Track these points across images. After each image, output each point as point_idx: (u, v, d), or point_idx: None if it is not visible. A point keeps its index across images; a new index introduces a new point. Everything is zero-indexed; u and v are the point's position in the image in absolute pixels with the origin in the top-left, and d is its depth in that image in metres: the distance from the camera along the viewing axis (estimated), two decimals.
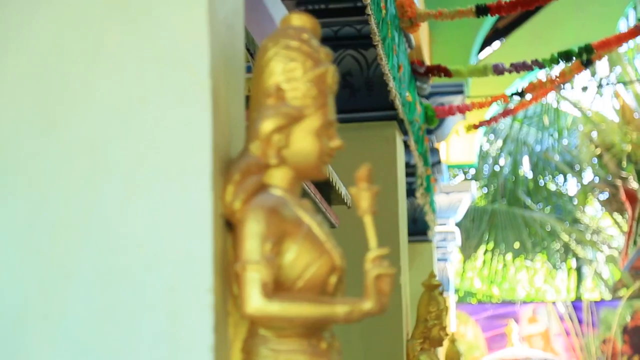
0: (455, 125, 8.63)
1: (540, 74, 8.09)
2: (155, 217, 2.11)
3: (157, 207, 2.11)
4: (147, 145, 2.13)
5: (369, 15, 4.42)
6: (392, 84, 4.97)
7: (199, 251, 2.08)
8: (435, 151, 8.37)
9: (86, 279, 2.11)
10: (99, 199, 2.13)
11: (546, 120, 19.54)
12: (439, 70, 6.84)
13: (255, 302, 2.07)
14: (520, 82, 10.06)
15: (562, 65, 6.94)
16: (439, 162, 8.71)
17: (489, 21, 10.17)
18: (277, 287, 2.11)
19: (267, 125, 2.18)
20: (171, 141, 2.13)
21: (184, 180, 2.11)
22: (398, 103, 5.26)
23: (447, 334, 5.89)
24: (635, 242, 8.72)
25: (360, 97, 5.56)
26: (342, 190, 4.21)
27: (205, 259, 2.08)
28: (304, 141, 2.21)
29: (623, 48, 16.02)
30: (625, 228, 10.69)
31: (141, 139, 2.14)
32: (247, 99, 2.31)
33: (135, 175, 2.13)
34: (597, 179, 18.78)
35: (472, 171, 19.82)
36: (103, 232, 2.12)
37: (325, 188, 4.10)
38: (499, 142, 19.99)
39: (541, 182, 19.65)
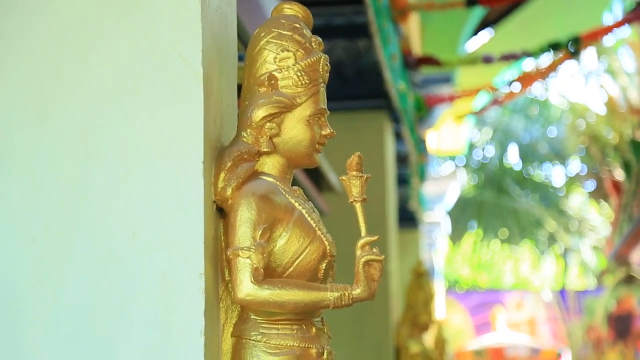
0: (444, 114, 8.65)
1: (529, 65, 8.11)
2: (148, 204, 2.13)
3: (149, 194, 2.13)
4: (140, 133, 2.15)
5: (366, 5, 4.43)
6: (387, 74, 4.99)
7: (191, 237, 2.10)
8: (423, 140, 8.39)
9: (79, 266, 2.13)
10: (92, 187, 2.15)
11: (534, 112, 19.58)
12: (429, 60, 6.86)
13: (247, 287, 2.09)
14: (508, 72, 10.09)
15: (550, 55, 6.97)
16: (427, 151, 8.73)
17: (478, 12, 10.18)
18: (268, 273, 2.14)
19: (259, 113, 2.20)
20: (163, 129, 2.14)
21: (176, 167, 2.13)
22: (393, 92, 5.28)
23: (434, 321, 5.93)
24: (620, 231, 8.76)
25: (351, 86, 5.58)
26: (333, 178, 4.23)
27: (197, 245, 2.10)
28: (295, 129, 2.23)
29: (610, 40, 16.06)
30: (611, 217, 10.76)
31: (134, 127, 2.15)
32: (240, 87, 2.33)
33: (127, 163, 2.14)
34: (583, 170, 18.84)
35: (461, 160, 19.85)
36: (96, 220, 2.14)
37: (316, 176, 4.13)
38: (488, 132, 20.01)
39: (528, 172, 19.71)
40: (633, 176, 8.00)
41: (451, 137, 11.47)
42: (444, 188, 10.42)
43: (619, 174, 12.09)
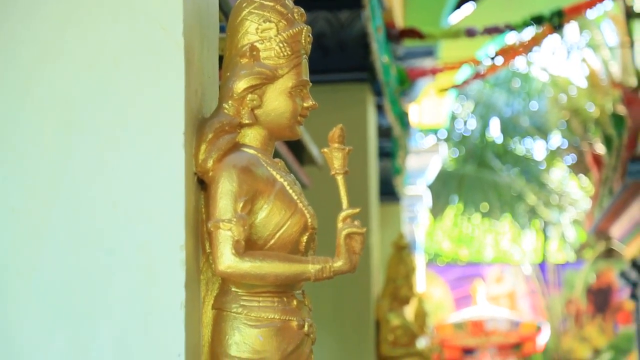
0: (426, 87, 8.65)
1: (511, 39, 8.11)
2: (128, 176, 2.12)
3: (130, 165, 2.12)
4: (120, 104, 2.14)
5: None
6: (374, 46, 4.98)
7: (172, 209, 2.10)
8: (406, 114, 8.38)
9: (59, 237, 2.11)
10: (71, 157, 2.13)
11: (516, 85, 19.60)
12: (412, 33, 6.84)
13: (227, 259, 2.09)
14: (491, 45, 10.08)
15: (533, 29, 6.97)
16: (409, 124, 8.73)
17: None
18: (249, 246, 2.13)
19: (241, 84, 2.19)
20: (144, 100, 2.13)
21: (157, 139, 2.12)
22: (379, 65, 5.26)
23: (415, 294, 5.95)
24: (600, 205, 8.80)
25: (333, 59, 5.56)
26: (314, 150, 4.22)
27: (177, 216, 2.09)
28: (277, 101, 2.22)
29: (593, 14, 16.06)
30: (591, 191, 10.81)
31: (114, 97, 2.14)
32: (221, 58, 2.31)
33: (108, 133, 2.13)
34: (564, 143, 18.89)
35: (442, 134, 19.87)
36: (76, 191, 2.12)
37: (298, 149, 4.12)
38: (469, 106, 20.03)
39: (510, 146, 19.75)
40: (614, 150, 8.03)
41: (433, 110, 11.47)
42: (425, 162, 10.43)
43: (600, 148, 12.13)
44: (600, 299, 14.57)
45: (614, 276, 10.85)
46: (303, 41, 2.24)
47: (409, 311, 7.20)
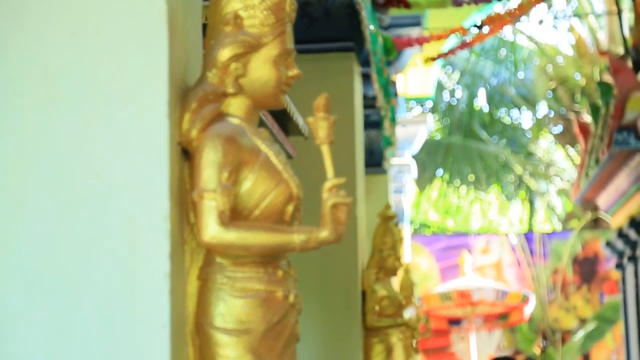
0: (413, 57, 8.62)
1: (498, 7, 8.07)
2: (112, 146, 2.10)
3: (113, 135, 2.10)
4: (103, 72, 2.11)
5: None
6: (364, 14, 4.94)
7: (156, 179, 2.08)
8: (392, 83, 8.35)
9: (42, 208, 2.10)
10: (54, 127, 2.11)
11: (503, 54, 19.57)
12: (398, 1, 6.80)
13: (212, 230, 2.07)
14: (478, 14, 10.05)
15: None
16: (396, 94, 8.70)
17: None
18: (234, 216, 2.12)
19: (225, 53, 2.17)
20: (127, 69, 2.11)
21: (140, 108, 2.10)
22: (367, 34, 5.23)
23: (401, 264, 5.95)
24: (587, 175, 8.82)
25: (319, 28, 5.52)
26: (300, 121, 4.20)
27: (161, 187, 2.08)
28: (261, 70, 2.20)
29: None
30: (578, 161, 10.83)
31: (96, 66, 2.12)
32: (205, 26, 2.29)
33: (90, 103, 2.11)
34: (551, 113, 18.90)
35: (429, 104, 19.86)
36: (59, 161, 2.10)
37: (283, 119, 4.09)
38: (456, 75, 20.00)
39: (496, 115, 19.74)
40: (600, 119, 8.03)
41: (419, 80, 11.44)
42: (412, 132, 10.41)
43: (587, 117, 12.13)
44: (586, 269, 14.63)
45: (601, 246, 10.89)
46: (287, 9, 2.22)
47: (396, 282, 7.21)
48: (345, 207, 2.13)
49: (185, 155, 2.17)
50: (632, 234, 8.79)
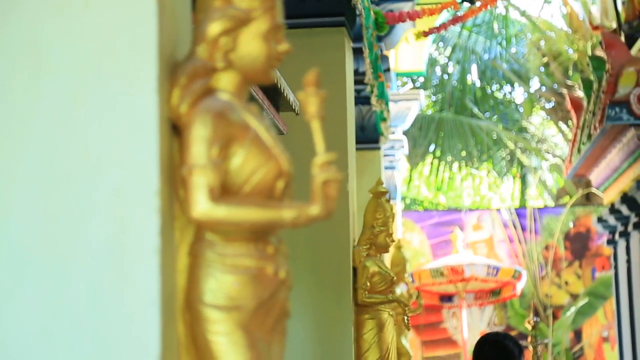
0: (405, 32, 8.58)
1: None
2: (100, 121, 2.08)
3: (101, 111, 2.08)
4: (91, 47, 2.09)
5: None
6: None
7: (145, 155, 2.07)
8: (384, 58, 8.33)
9: (30, 185, 2.08)
10: (42, 103, 2.09)
11: (495, 28, 19.52)
12: None
13: (202, 206, 2.06)
14: None
15: None
16: (388, 69, 8.67)
17: None
18: (224, 192, 2.11)
19: (214, 27, 2.15)
20: (116, 43, 2.09)
21: (129, 83, 2.08)
22: (360, 8, 5.20)
23: (393, 241, 5.94)
24: (579, 150, 8.81)
25: (310, 2, 5.49)
26: (291, 96, 4.18)
27: (151, 162, 2.06)
28: (251, 44, 2.18)
29: None
30: (570, 136, 10.81)
31: (85, 41, 2.10)
32: (194, 1, 2.27)
33: (79, 78, 2.09)
34: (543, 88, 18.88)
35: (421, 79, 19.83)
36: (47, 137, 2.09)
37: (274, 94, 4.07)
38: (448, 51, 19.96)
39: (488, 91, 19.72)
40: (593, 94, 8.01)
41: (411, 56, 11.41)
42: (403, 108, 10.39)
43: (579, 93, 12.10)
44: (578, 244, 14.66)
45: (592, 222, 10.90)
46: None
47: (387, 258, 7.22)
48: (336, 184, 2.12)
49: (175, 130, 2.15)
50: (624, 210, 8.81)
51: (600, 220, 9.90)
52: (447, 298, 12.85)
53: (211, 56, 2.16)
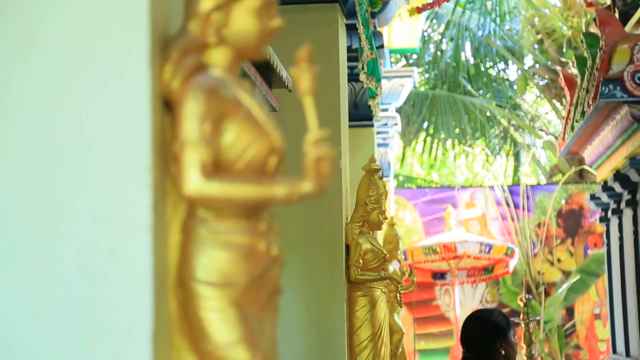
0: (398, 9, 8.56)
1: None
2: (92, 98, 2.07)
3: (92, 86, 2.07)
4: (83, 22, 2.08)
5: None
6: None
7: (137, 131, 2.05)
8: (378, 35, 8.30)
9: (21, 160, 2.07)
10: (31, 79, 2.08)
11: (489, 5, 19.46)
12: None
13: (194, 182, 2.05)
14: None
15: None
16: (382, 46, 8.65)
17: None
18: (216, 168, 2.10)
19: (206, 3, 2.13)
20: (107, 18, 2.07)
21: (121, 59, 2.07)
22: None
23: (385, 218, 5.94)
24: (572, 128, 8.80)
25: None
26: (283, 73, 4.17)
27: (143, 138, 2.05)
28: (243, 20, 2.17)
29: None
30: (564, 114, 10.79)
31: (76, 15, 2.08)
32: None
33: (69, 53, 2.08)
34: (537, 65, 18.85)
35: (414, 56, 19.77)
36: (37, 113, 2.07)
37: (266, 71, 4.06)
38: (441, 27, 19.91)
39: (482, 68, 19.67)
40: (587, 71, 7.99)
41: (405, 32, 11.39)
42: (397, 85, 10.37)
43: (573, 69, 12.07)
44: (570, 222, 14.68)
45: (585, 199, 10.90)
46: None
47: (380, 235, 7.22)
48: (328, 160, 2.11)
49: (167, 106, 2.14)
50: (617, 187, 8.81)
51: (592, 197, 9.90)
52: (439, 275, 12.88)
53: (203, 32, 2.15)
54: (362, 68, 6.09)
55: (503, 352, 4.78)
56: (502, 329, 4.81)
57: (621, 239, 9.09)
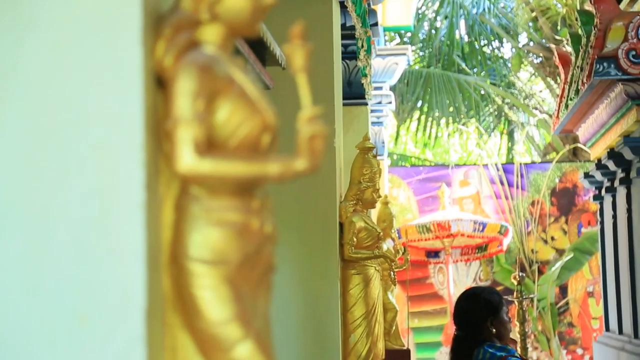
0: None
1: None
2: (83, 74, 2.06)
3: (85, 63, 2.06)
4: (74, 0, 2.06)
5: None
6: None
7: (130, 108, 2.04)
8: (372, 13, 8.28)
9: (12, 137, 2.06)
10: (22, 57, 2.06)
11: None
12: None
13: (187, 159, 2.04)
14: None
15: None
16: (375, 24, 8.63)
17: None
18: (210, 146, 2.09)
19: None
20: None
21: (113, 35, 2.05)
22: None
23: (379, 196, 5.95)
24: (566, 106, 8.79)
25: None
26: (277, 50, 4.15)
27: (135, 115, 2.04)
28: None
29: None
30: (558, 92, 10.79)
31: None
32: None
33: (60, 30, 2.06)
34: (531, 43, 18.83)
35: (408, 34, 19.73)
36: (27, 89, 2.06)
37: (260, 48, 4.04)
38: (436, 5, 19.86)
39: (477, 46, 19.65)
40: (581, 49, 7.98)
41: (398, 10, 11.36)
42: (391, 63, 10.35)
43: (567, 47, 12.05)
44: (564, 200, 14.70)
45: (579, 177, 10.91)
46: None
47: (374, 214, 7.22)
48: (322, 138, 2.10)
49: (160, 83, 2.13)
50: (611, 165, 8.82)
51: (586, 175, 9.91)
52: (433, 254, 12.91)
53: (196, 8, 2.13)
54: (362, 46, 6.08)
55: (494, 329, 4.79)
56: (494, 307, 4.83)
57: (615, 217, 9.11)
